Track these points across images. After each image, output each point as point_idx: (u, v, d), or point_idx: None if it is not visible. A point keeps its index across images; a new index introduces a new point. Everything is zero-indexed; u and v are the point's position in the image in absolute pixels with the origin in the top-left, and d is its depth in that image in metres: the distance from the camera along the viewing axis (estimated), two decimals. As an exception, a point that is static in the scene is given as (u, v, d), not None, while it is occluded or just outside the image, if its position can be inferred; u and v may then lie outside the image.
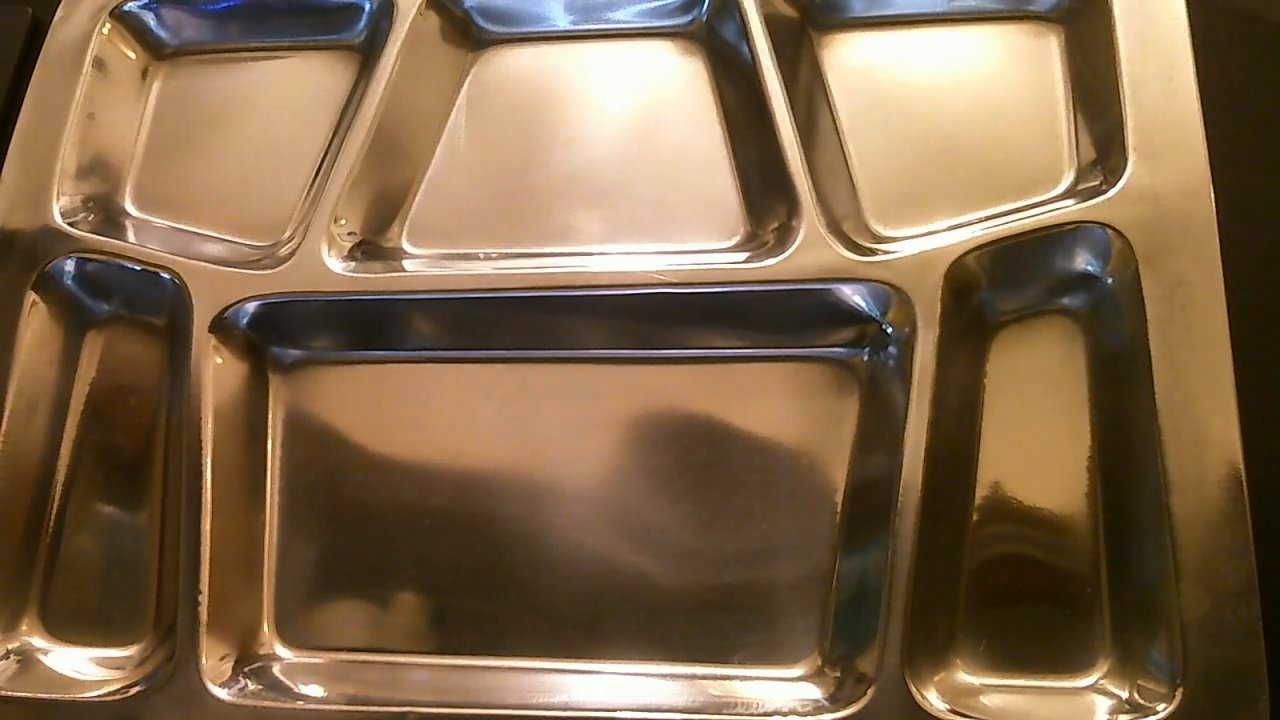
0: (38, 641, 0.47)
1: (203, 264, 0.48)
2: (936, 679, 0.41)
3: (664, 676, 0.44)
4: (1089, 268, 0.44)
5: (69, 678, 0.46)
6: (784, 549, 0.44)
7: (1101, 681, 0.41)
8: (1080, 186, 0.45)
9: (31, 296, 0.49)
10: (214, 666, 0.44)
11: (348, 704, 0.44)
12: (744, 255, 0.47)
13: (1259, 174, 0.45)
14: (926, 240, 0.45)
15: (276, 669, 0.46)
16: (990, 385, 0.44)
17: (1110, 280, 0.44)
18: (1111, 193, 0.43)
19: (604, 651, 0.44)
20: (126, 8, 0.53)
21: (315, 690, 0.45)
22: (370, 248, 0.49)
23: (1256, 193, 0.45)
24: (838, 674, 0.42)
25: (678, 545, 0.45)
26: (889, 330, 0.45)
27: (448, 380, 0.48)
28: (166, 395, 0.49)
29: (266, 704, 0.44)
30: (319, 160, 0.51)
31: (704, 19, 0.51)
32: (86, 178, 0.51)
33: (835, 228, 0.45)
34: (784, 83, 0.46)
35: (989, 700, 0.41)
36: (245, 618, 0.46)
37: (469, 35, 0.53)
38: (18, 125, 0.51)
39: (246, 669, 0.45)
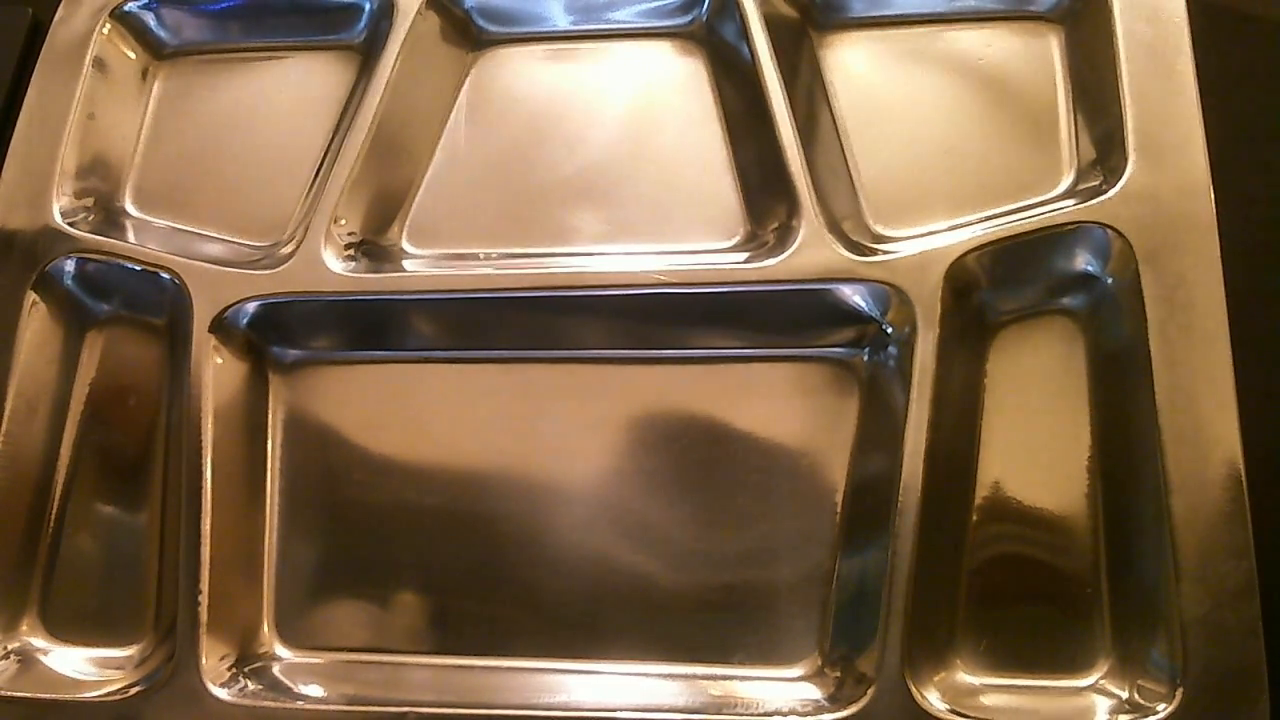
0: (38, 641, 0.47)
1: (203, 264, 0.48)
2: (936, 679, 0.41)
3: (664, 676, 0.44)
4: (1089, 268, 0.44)
5: (69, 678, 0.46)
6: (784, 549, 0.44)
7: (1101, 681, 0.41)
8: (1080, 186, 0.45)
9: (31, 296, 0.49)
10: (214, 666, 0.44)
11: (348, 704, 0.44)
12: (744, 255, 0.47)
13: (1259, 174, 0.45)
14: (926, 240, 0.45)
15: (276, 669, 0.46)
16: (990, 385, 0.44)
17: (1110, 280, 0.44)
18: (1111, 193, 0.43)
19: (604, 651, 0.44)
20: (126, 8, 0.53)
21: (315, 690, 0.45)
22: (370, 248, 0.49)
23: (1256, 193, 0.45)
24: (838, 674, 0.42)
25: (678, 545, 0.45)
26: (889, 330, 0.45)
27: (448, 380, 0.48)
28: (166, 395, 0.49)
29: (266, 704, 0.44)
30: (319, 160, 0.51)
31: (704, 19, 0.51)
32: (86, 178, 0.51)
33: (835, 228, 0.45)
34: (784, 83, 0.46)
35: (989, 700, 0.41)
36: (245, 618, 0.46)
37: (469, 35, 0.53)
38: (18, 125, 0.51)
39: (246, 669, 0.45)
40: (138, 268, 0.49)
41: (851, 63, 0.50)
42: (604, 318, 0.47)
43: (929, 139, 0.48)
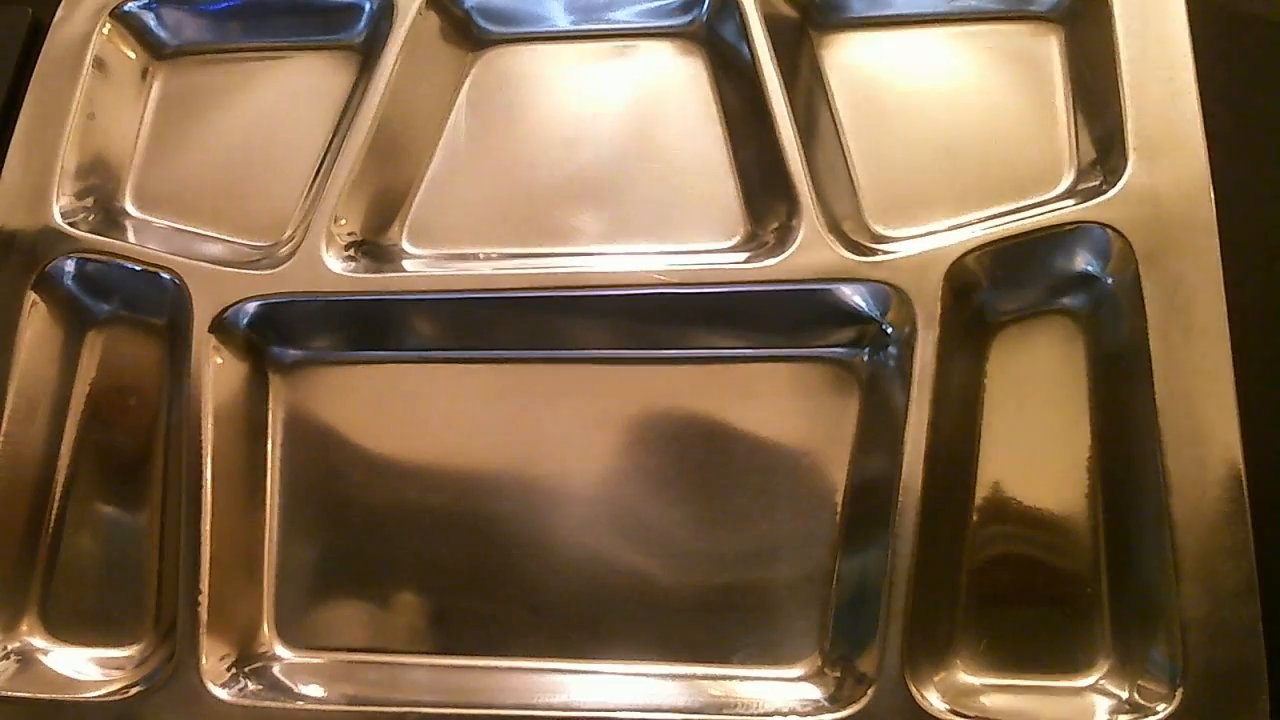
0: (38, 641, 0.47)
1: (203, 264, 0.48)
2: (936, 679, 0.41)
3: (664, 676, 0.44)
4: (1089, 268, 0.44)
5: (69, 678, 0.46)
6: (784, 549, 0.44)
7: (1101, 681, 0.41)
8: (1080, 186, 0.45)
9: (31, 296, 0.48)
10: (214, 666, 0.44)
11: (348, 704, 0.44)
12: (744, 255, 0.47)
13: (1259, 174, 0.45)
14: (926, 240, 0.45)
15: (276, 669, 0.46)
16: (990, 385, 0.44)
17: (1110, 280, 0.44)
18: (1111, 193, 0.43)
19: (604, 651, 0.44)
20: (126, 8, 0.53)
21: (315, 690, 0.45)
22: (370, 248, 0.49)
23: (1256, 193, 0.45)
24: (838, 674, 0.42)
25: (678, 545, 0.45)
26: (889, 330, 0.45)
27: (448, 380, 0.48)
28: (166, 395, 0.49)
29: (266, 704, 0.44)
30: (319, 160, 0.51)
31: (704, 19, 0.51)
32: (86, 178, 0.51)
33: (835, 228, 0.45)
34: (784, 83, 0.46)
35: (989, 700, 0.41)
36: (245, 618, 0.46)
37: (469, 35, 0.53)
38: (18, 125, 0.51)
39: (246, 669, 0.45)
40: (138, 268, 0.49)
41: (851, 63, 0.50)
42: (604, 318, 0.47)
43: (929, 139, 0.48)
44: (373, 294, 0.47)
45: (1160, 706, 0.38)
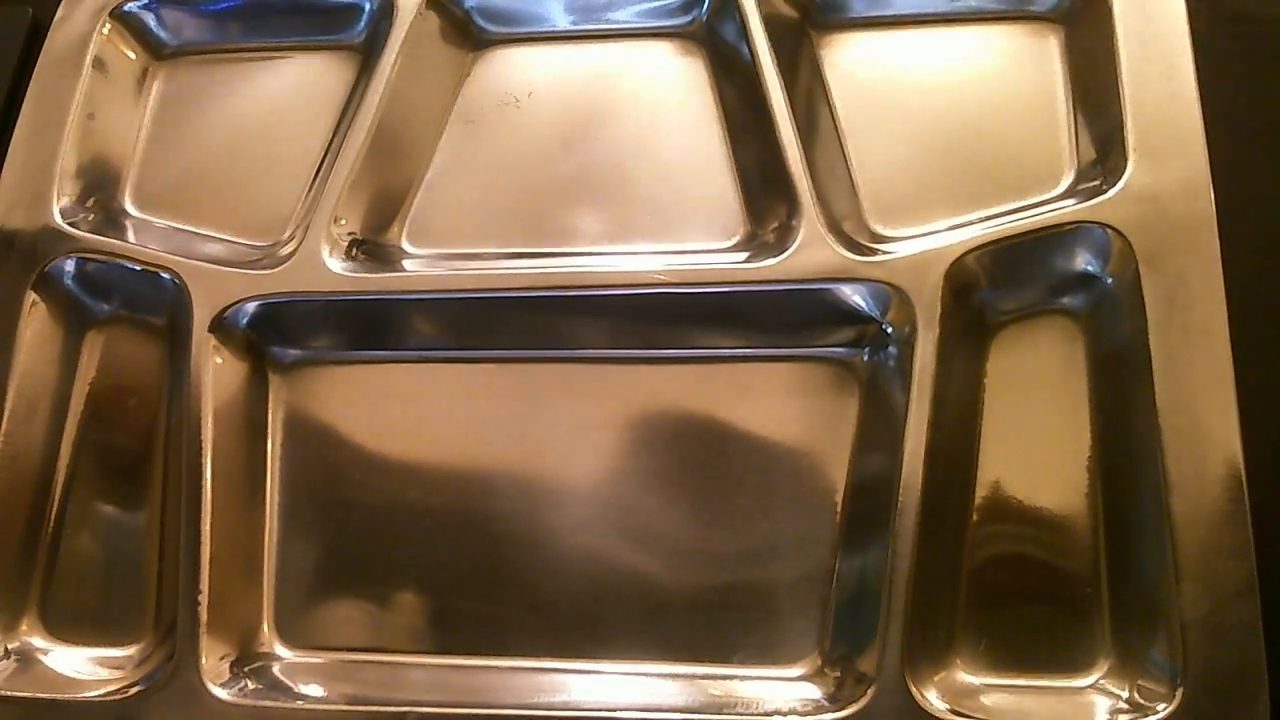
0: (38, 641, 0.47)
1: (203, 264, 0.48)
2: (936, 679, 0.41)
3: (664, 676, 0.44)
4: (1089, 268, 0.44)
5: (69, 678, 0.46)
6: (784, 549, 0.44)
7: (1101, 681, 0.41)
8: (1080, 186, 0.45)
9: (31, 296, 0.49)
10: (214, 666, 0.44)
11: (348, 704, 0.44)
12: (744, 255, 0.47)
13: (1259, 174, 0.45)
14: (926, 240, 0.45)
15: (276, 669, 0.46)
16: (990, 385, 0.44)
17: (1110, 280, 0.44)
18: (1111, 193, 0.43)
19: (604, 651, 0.44)
20: (126, 8, 0.53)
21: (315, 690, 0.45)
22: (370, 248, 0.49)
23: (1256, 193, 0.45)
24: (838, 674, 0.42)
25: (678, 545, 0.45)
26: (889, 330, 0.45)
27: (448, 380, 0.48)
28: (166, 395, 0.49)
29: (266, 704, 0.44)
30: (319, 160, 0.51)
31: (704, 19, 0.51)
32: (86, 178, 0.51)
33: (835, 228, 0.45)
34: (784, 83, 0.46)
35: (989, 700, 0.41)
36: (245, 618, 0.46)
37: (469, 35, 0.53)
38: (18, 125, 0.51)
39: (246, 669, 0.45)
40: (138, 268, 0.49)
41: (851, 63, 0.50)
42: (604, 318, 0.47)
43: (929, 139, 0.48)
44: (373, 294, 0.47)
45: (1160, 706, 0.38)
